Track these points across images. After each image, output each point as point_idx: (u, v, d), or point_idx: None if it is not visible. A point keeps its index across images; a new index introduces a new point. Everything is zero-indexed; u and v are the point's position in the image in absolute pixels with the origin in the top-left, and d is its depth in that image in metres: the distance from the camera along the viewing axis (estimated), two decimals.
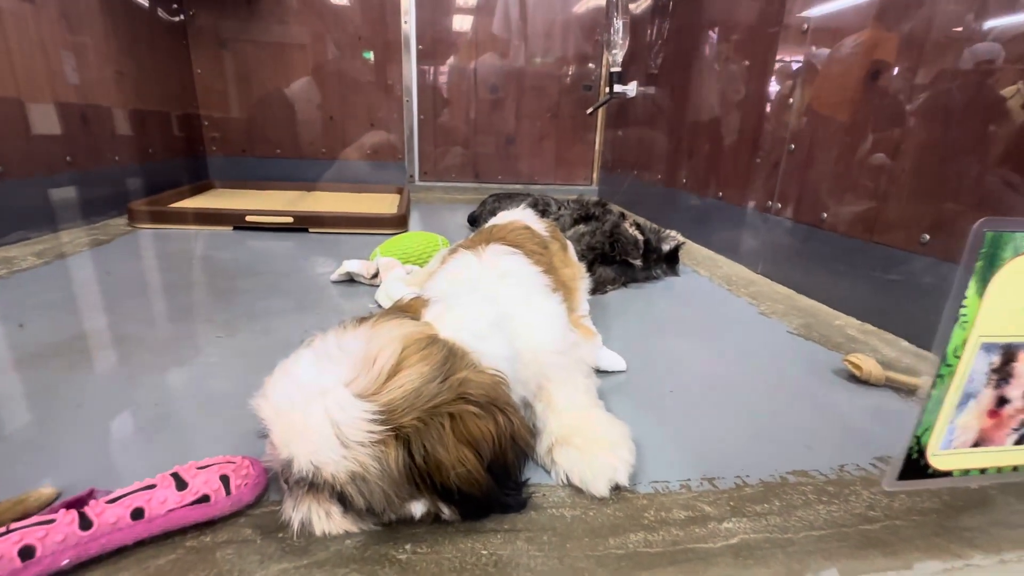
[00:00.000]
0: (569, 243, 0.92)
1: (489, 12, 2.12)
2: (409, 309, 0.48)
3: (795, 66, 1.05)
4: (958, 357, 0.26)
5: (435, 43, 2.10)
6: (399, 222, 1.52)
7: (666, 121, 1.68)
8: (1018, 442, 0.29)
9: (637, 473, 0.47)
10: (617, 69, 1.92)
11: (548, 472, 0.47)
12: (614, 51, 1.91)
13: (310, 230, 1.48)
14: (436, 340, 0.42)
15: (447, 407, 0.38)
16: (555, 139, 2.32)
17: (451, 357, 0.41)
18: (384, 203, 1.78)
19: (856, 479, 0.48)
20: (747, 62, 1.21)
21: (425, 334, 0.42)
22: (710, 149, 1.39)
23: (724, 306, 0.99)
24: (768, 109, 1.13)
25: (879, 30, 0.86)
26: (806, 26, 1.02)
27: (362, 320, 0.43)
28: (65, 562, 0.32)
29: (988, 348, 0.26)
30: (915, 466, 0.29)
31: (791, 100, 1.05)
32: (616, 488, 0.44)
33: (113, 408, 0.54)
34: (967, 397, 0.28)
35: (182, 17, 1.88)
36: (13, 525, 0.32)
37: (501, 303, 0.52)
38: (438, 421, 0.38)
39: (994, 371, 0.27)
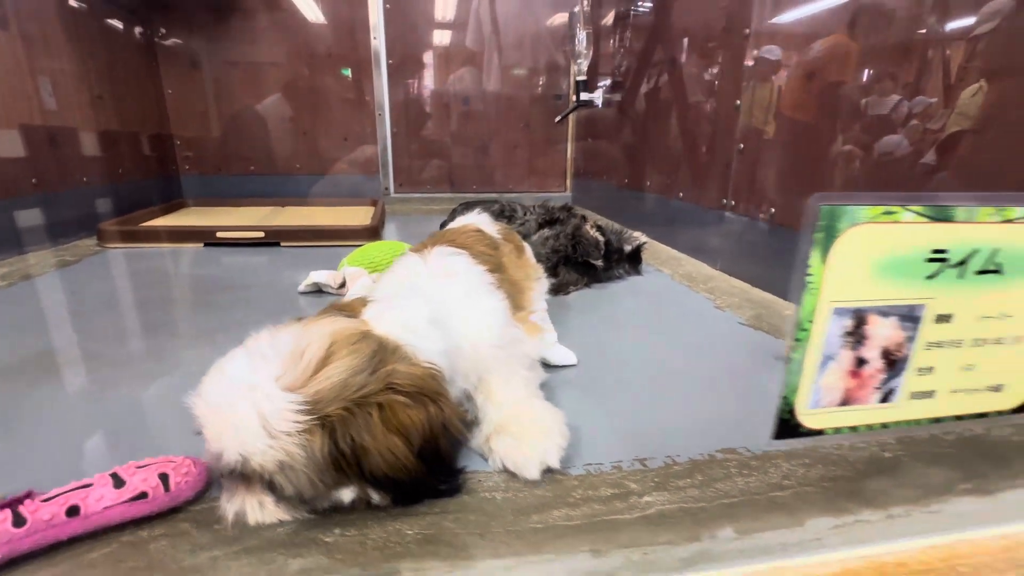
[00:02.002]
0: (526, 245, 0.94)
1: (459, 26, 2.17)
2: (347, 308, 0.50)
3: (740, 72, 1.09)
4: (811, 322, 0.29)
5: (405, 58, 2.14)
6: (371, 233, 1.53)
7: (631, 126, 1.72)
8: (883, 400, 0.32)
9: (572, 457, 0.49)
10: (583, 78, 1.97)
11: (486, 460, 0.49)
12: (579, 61, 1.97)
13: (282, 244, 1.49)
14: (367, 335, 0.44)
15: (375, 397, 0.40)
16: (528, 148, 2.36)
17: (381, 351, 0.43)
18: (358, 215, 1.80)
19: (781, 454, 0.50)
20: (699, 69, 1.26)
21: (357, 330, 0.44)
22: (670, 152, 1.43)
23: (682, 302, 1.02)
24: (719, 112, 1.18)
25: (814, 39, 0.91)
26: (749, 31, 1.06)
27: (298, 320, 0.45)
28: None
29: (840, 313, 0.29)
30: (788, 426, 0.32)
31: (738, 103, 1.10)
32: (548, 471, 0.46)
33: (74, 421, 0.55)
34: (827, 359, 0.30)
35: (152, 38, 1.90)
36: None
37: (441, 301, 0.54)
38: (366, 410, 0.40)
39: (848, 334, 0.30)
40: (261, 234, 1.47)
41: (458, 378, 0.53)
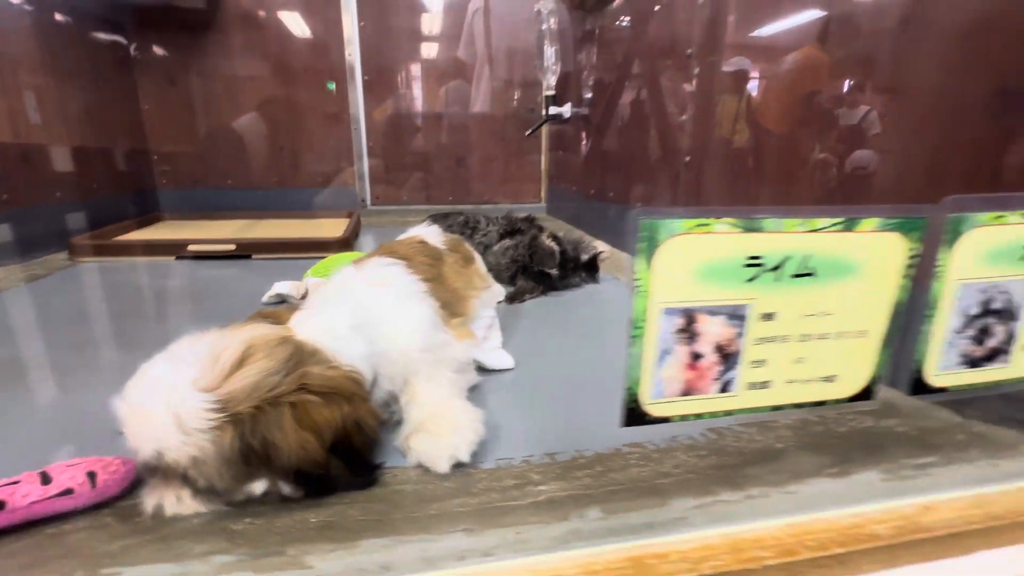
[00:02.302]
0: (477, 256, 0.98)
1: (434, 40, 2.23)
2: (273, 316, 0.53)
3: (685, 88, 1.15)
4: (645, 321, 0.33)
5: (380, 72, 2.19)
6: (342, 245, 1.57)
7: (595, 139, 1.78)
8: (722, 390, 0.36)
9: (486, 453, 0.53)
10: (551, 92, 2.03)
11: (405, 457, 0.52)
12: (548, 75, 2.03)
13: (253, 257, 1.52)
14: (286, 340, 0.47)
15: (288, 397, 0.44)
16: (503, 160, 2.42)
17: (297, 354, 0.47)
18: (333, 228, 1.83)
19: (682, 447, 0.54)
20: (651, 85, 1.32)
21: (276, 335, 0.47)
22: (628, 164, 1.49)
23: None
24: (668, 126, 1.23)
25: (746, 56, 0.96)
26: (691, 51, 1.12)
27: (222, 327, 0.49)
28: None
29: (669, 312, 0.33)
30: (635, 414, 0.36)
31: (683, 116, 1.15)
32: (459, 465, 0.50)
33: (25, 426, 0.57)
34: (664, 354, 0.34)
35: (129, 54, 1.94)
36: None
37: (370, 308, 0.58)
38: (278, 409, 0.43)
39: (680, 331, 0.34)
40: (232, 247, 1.50)
41: (384, 381, 0.57)
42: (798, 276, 0.34)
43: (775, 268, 0.33)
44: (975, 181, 0.55)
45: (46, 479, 0.42)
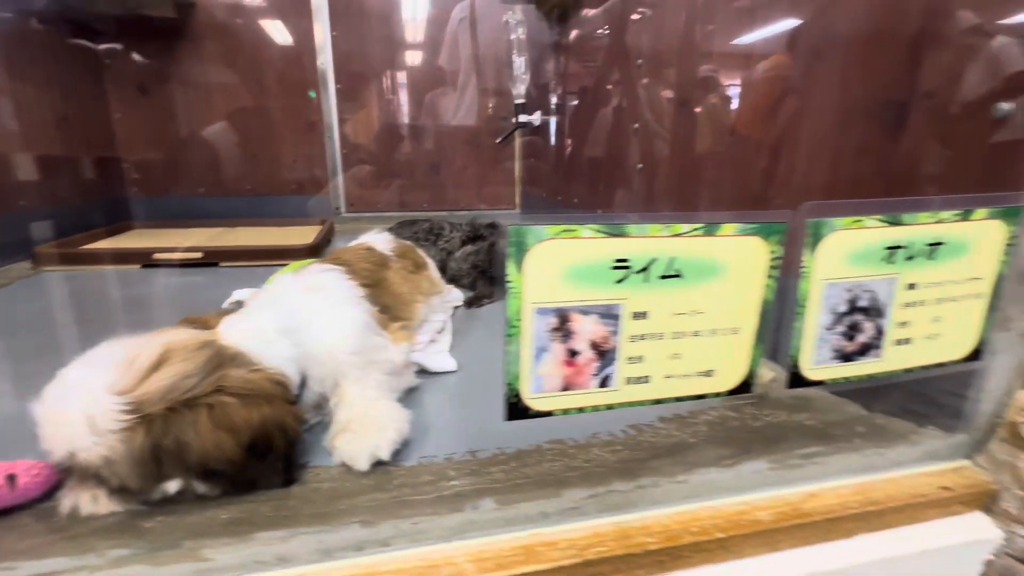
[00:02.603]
0: (430, 262, 1.01)
1: (408, 48, 2.26)
2: (200, 321, 0.55)
3: (635, 98, 1.18)
4: (520, 320, 0.35)
5: (353, 79, 2.21)
6: (311, 252, 1.58)
7: (563, 146, 1.82)
8: (602, 385, 0.38)
9: (411, 451, 0.54)
10: (521, 100, 2.07)
11: (331, 456, 0.54)
12: (517, 84, 2.06)
13: (221, 264, 1.53)
14: (207, 344, 0.49)
15: (205, 399, 0.45)
16: (477, 167, 2.44)
17: (217, 357, 0.48)
18: (302, 235, 1.84)
19: (600, 442, 0.56)
20: (607, 94, 1.36)
21: (196, 340, 0.49)
22: (591, 171, 1.52)
23: None
24: (622, 134, 1.27)
25: (683, 68, 1.00)
26: (641, 61, 1.16)
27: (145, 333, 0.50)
28: None
29: (542, 312, 0.35)
30: (517, 408, 0.38)
31: (635, 126, 1.19)
32: (380, 463, 0.52)
33: None
34: (540, 351, 0.36)
35: (100, 63, 1.94)
36: None
37: (299, 313, 0.60)
38: (194, 410, 0.45)
39: (555, 330, 0.36)
40: (199, 255, 1.51)
41: (313, 383, 0.59)
42: (666, 277, 0.37)
43: (642, 270, 0.36)
44: (875, 180, 0.59)
45: None
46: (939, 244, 0.42)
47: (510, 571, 0.38)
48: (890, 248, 0.41)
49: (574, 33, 1.62)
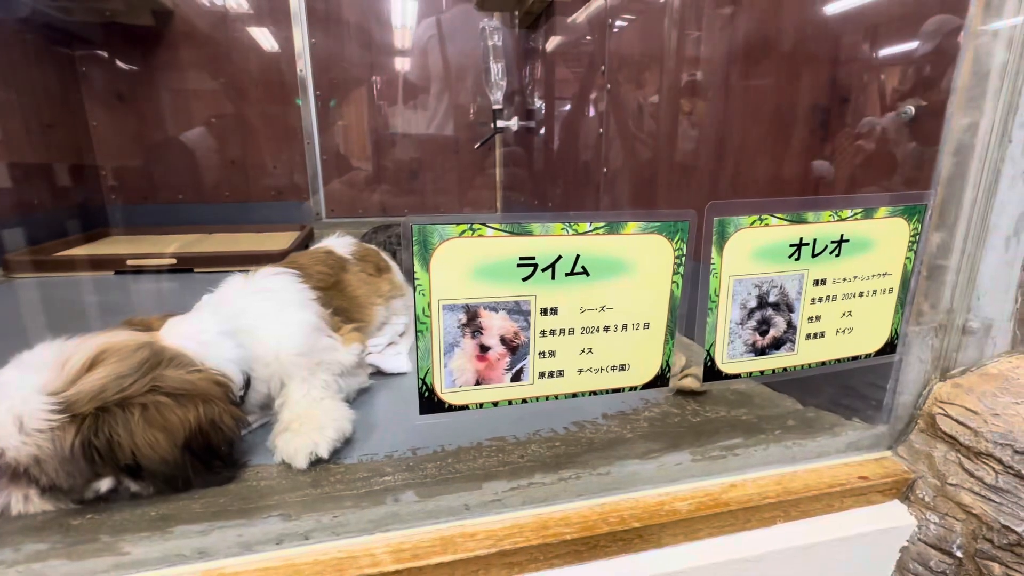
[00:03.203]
0: (393, 265, 1.02)
1: (387, 55, 2.28)
2: (143, 323, 0.56)
3: (600, 104, 1.21)
4: (428, 316, 0.36)
5: (333, 86, 2.23)
6: (285, 257, 1.58)
7: (539, 151, 1.84)
8: (515, 379, 0.40)
9: (353, 450, 0.55)
10: (498, 106, 2.09)
11: (273, 455, 0.55)
12: (495, 91, 2.09)
13: (195, 270, 1.53)
14: (144, 346, 0.50)
15: (139, 398, 0.46)
16: (458, 172, 2.46)
17: (154, 358, 0.49)
18: (280, 241, 1.85)
19: (540, 439, 0.57)
20: (577, 100, 1.38)
21: (133, 341, 0.50)
22: (563, 174, 1.54)
23: None
24: (589, 139, 1.29)
25: (648, 76, 1.02)
26: (603, 68, 1.18)
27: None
28: None
29: (450, 308, 0.36)
30: (431, 403, 0.39)
31: (601, 130, 1.21)
32: (319, 461, 0.52)
33: None
34: (451, 347, 0.38)
35: (77, 70, 1.95)
36: None
37: (246, 315, 0.61)
38: (126, 410, 0.45)
39: (464, 325, 0.37)
40: (172, 261, 1.51)
41: (259, 384, 0.60)
42: (573, 274, 0.38)
43: (548, 267, 0.37)
44: (806, 178, 0.61)
45: None
46: (844, 241, 0.44)
47: (426, 561, 0.39)
48: (795, 245, 0.43)
49: (545, 39, 1.65)
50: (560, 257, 0.37)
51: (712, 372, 0.44)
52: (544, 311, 0.38)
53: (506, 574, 0.40)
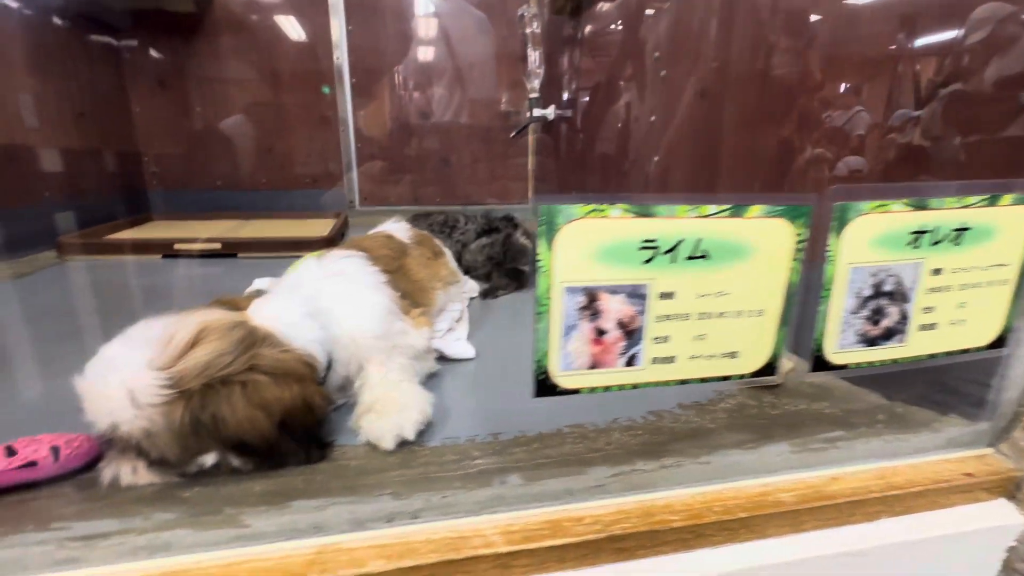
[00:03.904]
0: (447, 251, 1.02)
1: (422, 44, 2.27)
2: (231, 303, 0.56)
3: (653, 89, 1.18)
4: (549, 299, 0.36)
5: (368, 74, 2.23)
6: (327, 244, 1.60)
7: (578, 140, 1.82)
8: (629, 364, 0.39)
9: (434, 433, 0.56)
10: (536, 95, 2.07)
11: (357, 436, 0.55)
12: (532, 78, 2.07)
13: (239, 255, 1.55)
14: (240, 324, 0.51)
15: (239, 376, 0.47)
16: (489, 161, 2.45)
17: (250, 337, 0.50)
18: (318, 227, 1.87)
19: (620, 427, 0.57)
20: (625, 87, 1.36)
21: (229, 320, 0.50)
22: (607, 164, 1.52)
23: None
24: (639, 128, 1.27)
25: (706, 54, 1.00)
26: (657, 54, 1.16)
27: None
28: None
29: (571, 291, 0.36)
30: (545, 386, 0.39)
31: (652, 118, 1.19)
32: (405, 443, 0.53)
33: (15, 409, 0.60)
34: (569, 329, 0.37)
35: (120, 57, 1.98)
36: None
37: (325, 297, 0.61)
38: (229, 387, 0.46)
39: (583, 308, 0.37)
40: (218, 245, 1.54)
41: (339, 366, 0.60)
42: (693, 258, 0.37)
43: (670, 251, 0.36)
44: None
45: (11, 452, 0.46)
46: (965, 229, 0.42)
47: (538, 544, 0.38)
48: (915, 233, 0.41)
49: (590, 24, 1.62)
50: (682, 240, 0.36)
51: (820, 362, 0.43)
52: (662, 295, 0.37)
53: (614, 559, 0.40)
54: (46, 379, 0.69)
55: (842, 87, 0.66)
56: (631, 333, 0.38)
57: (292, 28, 2.11)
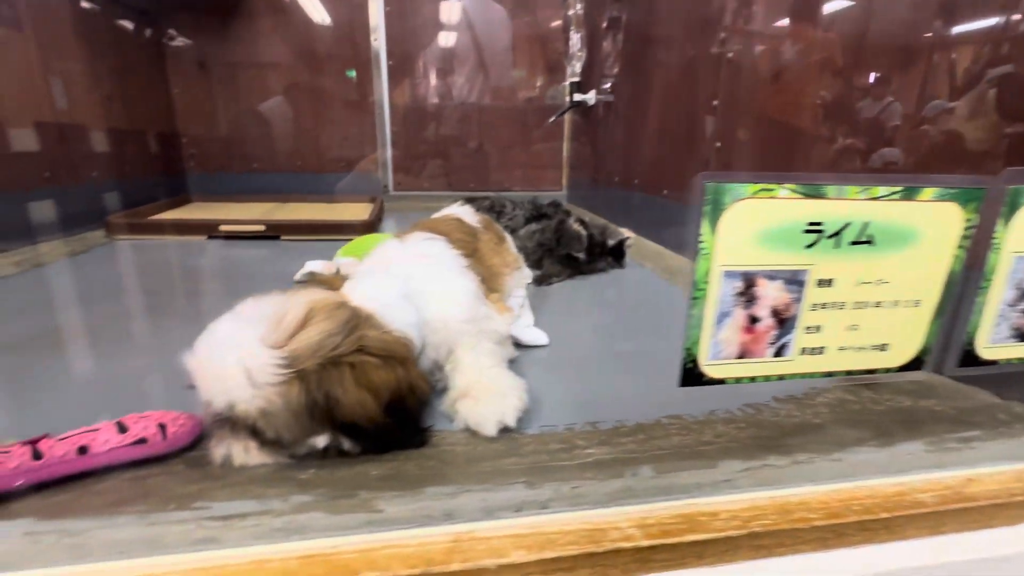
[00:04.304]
0: (508, 236, 1.00)
1: (459, 27, 2.23)
2: (327, 283, 0.55)
3: (717, 73, 1.14)
4: (706, 283, 0.34)
5: (405, 58, 2.20)
6: (367, 228, 1.59)
7: (621, 126, 1.77)
8: (777, 354, 0.37)
9: (530, 420, 0.54)
10: (576, 79, 2.03)
11: (452, 421, 0.54)
12: (573, 62, 2.02)
13: (282, 238, 1.55)
14: (343, 305, 0.49)
15: (348, 357, 0.46)
16: (524, 147, 2.42)
17: (355, 318, 0.48)
18: (356, 211, 1.86)
19: (720, 420, 0.55)
20: (681, 71, 1.31)
21: (334, 300, 0.49)
22: (656, 151, 1.48)
23: (659, 294, 1.07)
24: (698, 112, 1.23)
25: (787, 42, 0.96)
26: (723, 35, 1.11)
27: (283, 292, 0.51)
28: (19, 483, 0.39)
29: (730, 275, 0.34)
30: (692, 374, 0.37)
31: (715, 103, 1.15)
32: (505, 429, 0.51)
33: (85, 384, 0.61)
34: (723, 316, 0.35)
35: (160, 39, 1.97)
36: None
37: (414, 279, 0.60)
38: (339, 368, 0.45)
39: (740, 294, 0.34)
40: (262, 228, 1.54)
41: (429, 349, 0.59)
42: (856, 243, 0.35)
43: (834, 235, 0.34)
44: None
45: (122, 428, 0.45)
46: None
47: (676, 539, 0.37)
48: None
49: (640, 4, 1.57)
50: (848, 224, 0.34)
51: (969, 358, 0.41)
52: (820, 282, 0.35)
53: (752, 556, 0.38)
54: (128, 356, 0.69)
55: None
56: (783, 322, 0.36)
57: (329, 10, 2.09)
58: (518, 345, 0.76)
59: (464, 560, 0.34)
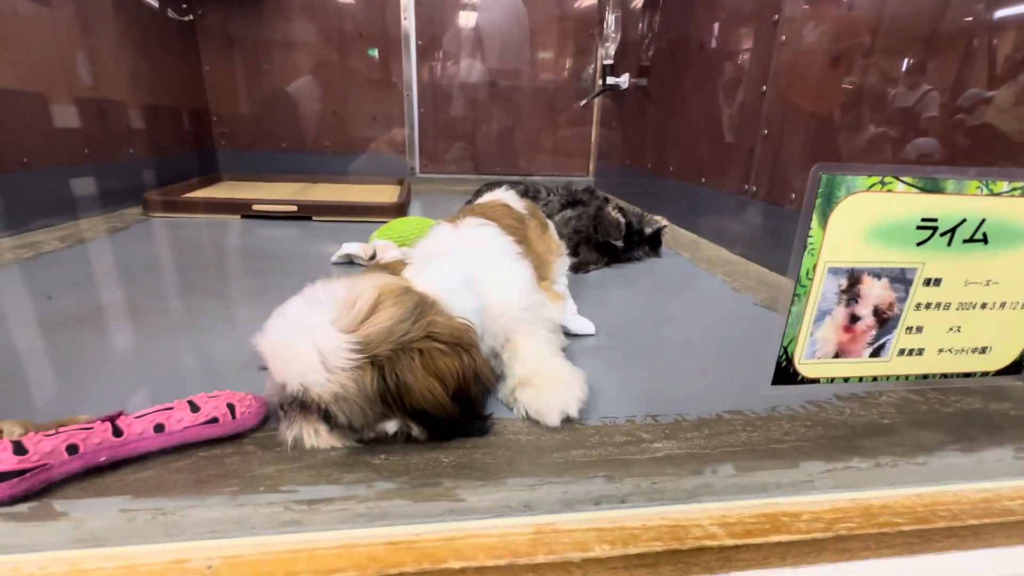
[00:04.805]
0: (550, 223, 0.98)
1: (488, 8, 2.19)
2: (389, 267, 0.55)
3: (768, 58, 1.10)
4: (810, 279, 0.32)
5: (434, 39, 2.17)
6: (398, 210, 1.59)
7: (656, 111, 1.73)
8: (873, 355, 0.36)
9: (589, 411, 0.54)
10: (610, 62, 1.98)
11: (511, 409, 0.54)
12: (607, 44, 1.97)
13: (314, 218, 1.56)
14: (409, 290, 0.49)
15: (417, 343, 0.45)
16: (552, 131, 2.38)
17: (422, 304, 0.48)
18: (385, 193, 1.86)
19: (784, 416, 0.54)
20: (726, 55, 1.27)
21: (400, 285, 0.49)
22: (694, 137, 1.45)
23: (699, 283, 1.05)
24: (744, 98, 1.19)
25: (844, 19, 0.92)
26: (777, 17, 1.07)
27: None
28: (103, 459, 0.40)
29: (835, 272, 0.32)
30: (786, 373, 0.36)
31: (763, 88, 1.11)
32: (567, 420, 0.51)
33: (134, 362, 0.61)
34: (823, 314, 0.34)
35: (191, 17, 1.97)
36: (60, 429, 0.40)
37: (472, 265, 0.59)
38: (408, 354, 0.45)
39: (843, 292, 0.33)
40: (294, 208, 1.54)
41: (487, 336, 0.58)
42: (969, 241, 0.33)
43: (948, 232, 0.32)
44: None
45: (194, 407, 0.45)
46: None
47: (761, 539, 0.36)
48: None
49: None
50: (964, 220, 0.32)
51: None
52: (927, 282, 0.34)
53: (836, 559, 0.37)
54: (180, 333, 0.70)
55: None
56: (884, 321, 0.34)
57: None
58: (566, 334, 0.75)
59: (548, 552, 0.34)
